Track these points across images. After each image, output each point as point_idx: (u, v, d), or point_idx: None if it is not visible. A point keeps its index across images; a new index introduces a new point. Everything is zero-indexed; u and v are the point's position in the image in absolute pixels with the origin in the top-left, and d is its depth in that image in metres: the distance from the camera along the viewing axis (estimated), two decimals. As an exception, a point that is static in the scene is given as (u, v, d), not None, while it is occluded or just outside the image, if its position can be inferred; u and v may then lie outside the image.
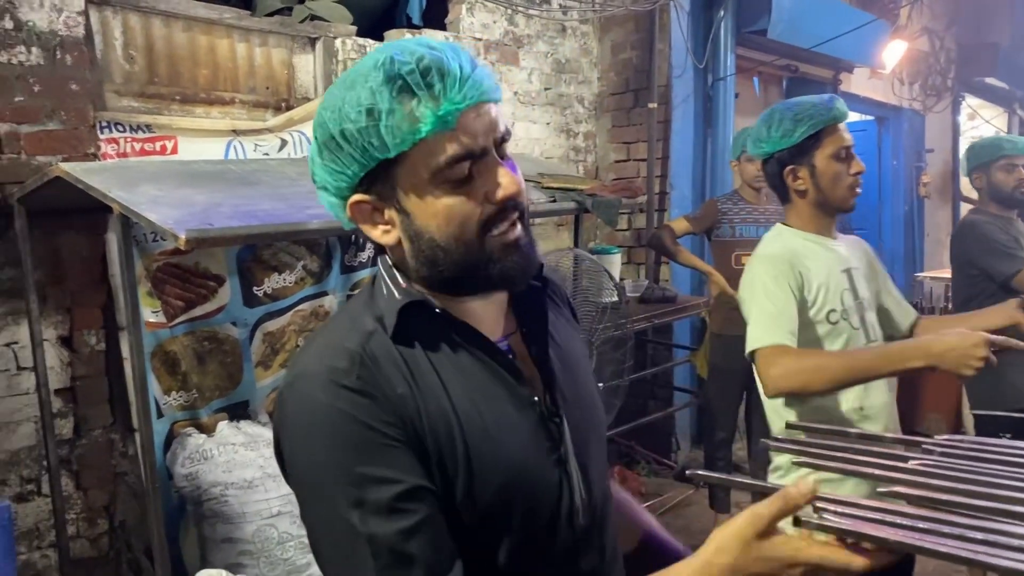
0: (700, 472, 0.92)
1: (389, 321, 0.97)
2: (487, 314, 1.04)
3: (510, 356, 1.03)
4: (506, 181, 0.95)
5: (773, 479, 2.04)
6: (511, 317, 1.08)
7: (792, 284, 1.97)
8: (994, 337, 1.70)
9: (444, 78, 0.91)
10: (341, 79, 0.97)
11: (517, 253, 0.97)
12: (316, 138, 0.98)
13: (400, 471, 0.89)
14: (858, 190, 2.06)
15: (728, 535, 0.85)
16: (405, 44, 0.94)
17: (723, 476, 0.92)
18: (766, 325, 1.91)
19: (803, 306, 1.99)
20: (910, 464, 0.91)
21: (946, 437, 1.02)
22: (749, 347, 1.92)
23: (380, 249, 1.04)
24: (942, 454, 0.97)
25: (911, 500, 0.85)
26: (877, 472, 0.89)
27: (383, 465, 0.89)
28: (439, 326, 0.99)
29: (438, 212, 0.94)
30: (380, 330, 0.97)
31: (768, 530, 0.83)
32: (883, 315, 2.18)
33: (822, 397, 1.94)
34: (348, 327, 0.99)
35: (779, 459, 2.06)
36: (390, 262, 1.03)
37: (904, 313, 2.22)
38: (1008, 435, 1.24)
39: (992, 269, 3.26)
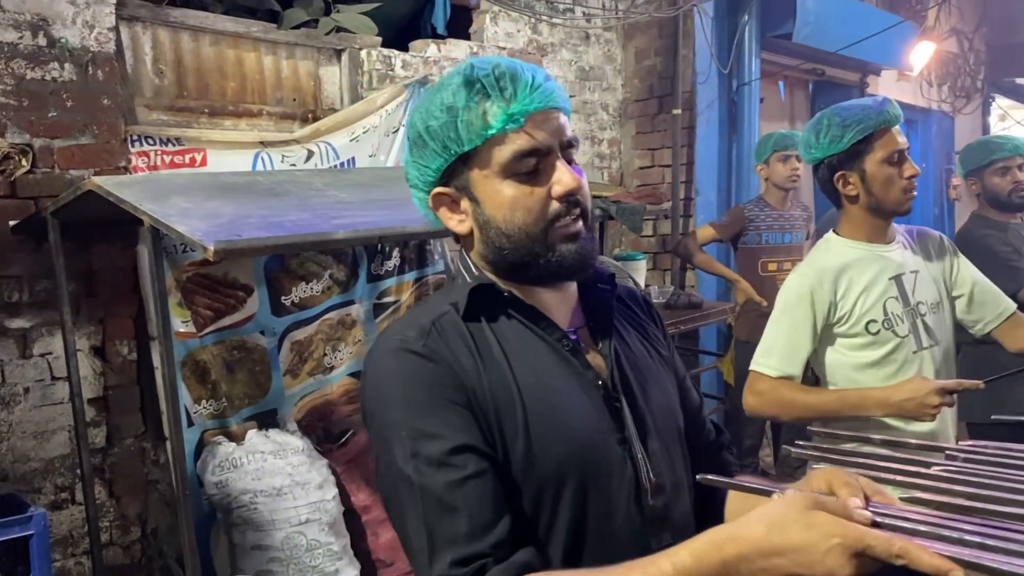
0: (709, 477, 0.92)
1: (461, 302, 1.08)
2: (556, 306, 1.13)
3: (576, 343, 1.11)
4: (567, 178, 1.04)
5: None
6: (580, 314, 1.17)
7: (818, 307, 2.02)
8: (945, 383, 1.84)
9: (516, 83, 1.03)
10: (432, 86, 1.10)
11: (575, 243, 1.06)
12: (408, 138, 1.12)
13: (453, 429, 0.98)
14: (913, 193, 2.03)
15: (774, 503, 0.82)
16: (488, 57, 1.07)
17: (732, 481, 0.93)
18: (767, 351, 2.05)
19: (831, 323, 2.04)
20: (933, 470, 0.91)
21: (970, 443, 1.01)
22: (751, 364, 2.07)
23: (457, 241, 1.16)
24: (966, 460, 0.96)
25: (935, 506, 0.85)
26: (899, 478, 0.89)
27: (439, 423, 0.98)
28: (508, 308, 1.10)
29: (504, 202, 1.05)
30: (452, 311, 1.09)
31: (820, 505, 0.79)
32: (967, 307, 2.17)
33: None
34: (425, 310, 1.11)
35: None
36: (466, 254, 1.14)
37: (986, 306, 2.16)
38: None
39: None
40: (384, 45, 3.90)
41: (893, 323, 2.02)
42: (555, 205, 1.04)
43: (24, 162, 2.81)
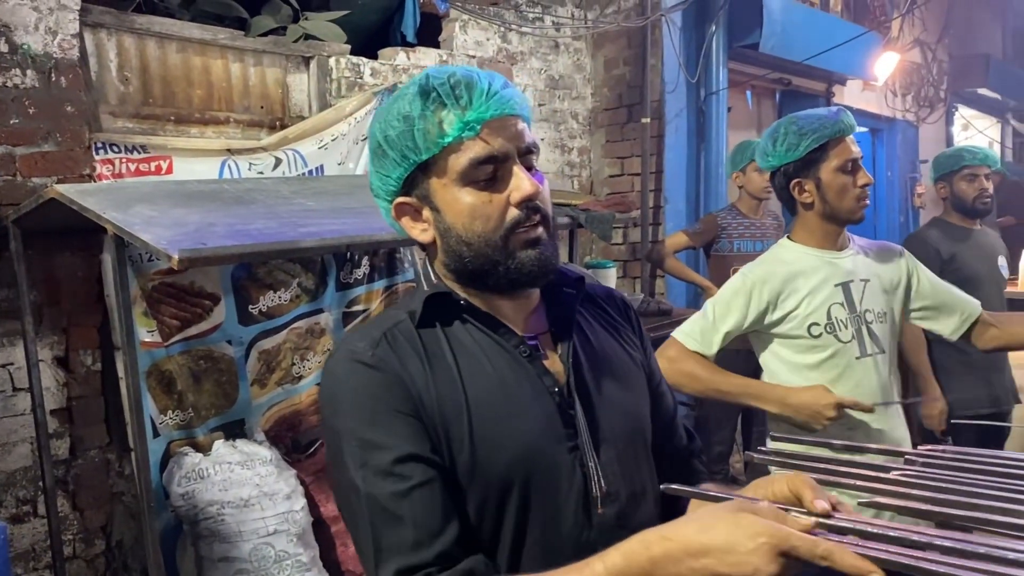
0: (673, 486, 0.93)
1: (417, 311, 1.09)
2: (516, 313, 1.13)
3: (534, 348, 1.11)
4: (525, 184, 1.04)
5: None
6: (543, 319, 1.16)
7: (754, 303, 2.08)
8: (844, 398, 1.93)
9: (471, 90, 1.02)
10: (391, 97, 1.10)
11: (535, 250, 1.05)
12: (369, 148, 1.12)
13: (400, 439, 0.99)
14: (866, 201, 2.08)
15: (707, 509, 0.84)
16: (445, 67, 1.06)
17: (694, 490, 0.94)
18: (691, 327, 2.13)
19: (768, 324, 2.10)
20: (892, 475, 0.92)
21: (928, 447, 1.03)
22: (674, 331, 2.16)
23: (424, 250, 1.15)
24: (924, 465, 0.97)
25: (894, 511, 0.86)
26: (859, 483, 0.90)
27: (386, 432, 0.99)
28: (464, 316, 1.10)
29: (463, 210, 1.04)
30: (407, 320, 1.09)
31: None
32: (932, 316, 2.21)
33: None
34: (381, 320, 1.12)
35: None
36: (429, 263, 1.15)
37: (953, 313, 2.20)
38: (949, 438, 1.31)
39: None
40: (353, 53, 3.89)
41: (836, 328, 2.06)
42: (514, 212, 1.04)
43: (-15, 170, 2.76)
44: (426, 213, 1.09)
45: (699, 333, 2.10)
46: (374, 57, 4.03)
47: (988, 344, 2.21)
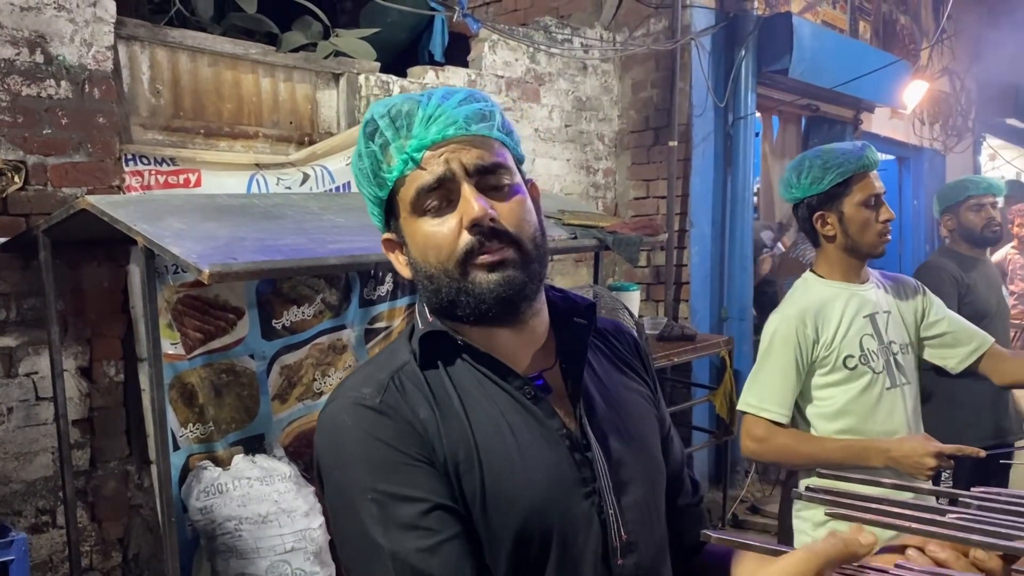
0: (713, 535, 0.90)
1: (417, 351, 1.02)
2: (518, 347, 1.04)
3: (539, 388, 1.02)
4: (469, 207, 0.95)
5: (799, 535, 2.06)
6: (551, 354, 1.07)
7: (803, 347, 2.05)
8: (944, 447, 1.89)
9: (411, 118, 0.98)
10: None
11: (497, 273, 0.96)
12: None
13: (423, 490, 0.92)
14: (888, 237, 2.09)
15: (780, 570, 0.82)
16: (390, 99, 1.01)
17: (738, 539, 0.90)
18: (759, 396, 2.07)
19: (815, 360, 2.08)
20: (948, 518, 0.88)
21: (983, 489, 0.99)
22: (739, 405, 2.11)
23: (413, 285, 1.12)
24: (979, 508, 0.94)
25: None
26: (915, 526, 0.87)
27: (406, 484, 0.91)
28: (464, 356, 1.02)
29: (419, 241, 0.99)
30: (412, 360, 1.02)
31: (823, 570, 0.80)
32: (940, 346, 2.20)
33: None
34: (385, 360, 1.04)
35: (806, 513, 2.06)
36: (421, 298, 1.06)
37: (962, 343, 2.19)
38: (948, 471, 1.30)
39: None
40: (382, 71, 3.90)
41: (869, 359, 2.06)
42: (466, 237, 0.95)
43: (16, 179, 2.78)
44: (404, 248, 1.04)
45: (771, 399, 2.05)
46: (403, 75, 4.03)
47: (1005, 379, 2.21)
